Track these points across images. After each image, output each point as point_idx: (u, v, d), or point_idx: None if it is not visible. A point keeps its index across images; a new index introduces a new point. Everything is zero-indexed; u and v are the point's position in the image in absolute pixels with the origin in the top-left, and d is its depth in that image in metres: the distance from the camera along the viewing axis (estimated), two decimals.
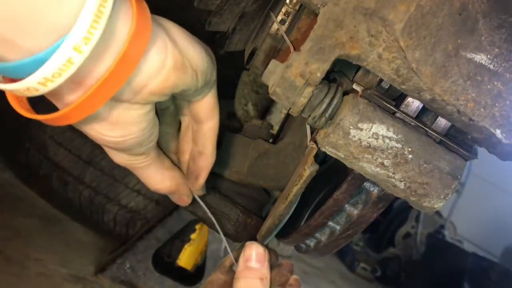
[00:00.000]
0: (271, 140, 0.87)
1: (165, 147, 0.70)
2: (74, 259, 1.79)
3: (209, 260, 1.85)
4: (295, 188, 0.65)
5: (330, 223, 0.69)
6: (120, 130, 0.54)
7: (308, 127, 0.76)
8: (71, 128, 2.12)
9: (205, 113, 0.65)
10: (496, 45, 0.53)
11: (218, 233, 0.79)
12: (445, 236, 4.80)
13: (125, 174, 2.16)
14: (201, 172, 0.69)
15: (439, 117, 0.58)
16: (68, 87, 0.48)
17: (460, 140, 0.60)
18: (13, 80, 0.47)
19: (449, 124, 0.59)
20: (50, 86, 0.44)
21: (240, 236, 0.80)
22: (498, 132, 0.55)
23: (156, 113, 0.58)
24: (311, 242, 0.74)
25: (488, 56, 0.53)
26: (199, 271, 1.96)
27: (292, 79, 0.55)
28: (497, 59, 0.53)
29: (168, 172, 0.68)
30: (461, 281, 3.93)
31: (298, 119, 0.81)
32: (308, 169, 0.62)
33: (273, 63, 0.57)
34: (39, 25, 0.43)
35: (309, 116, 0.58)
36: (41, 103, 0.52)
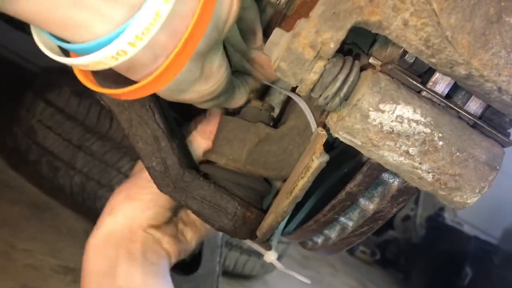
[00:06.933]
0: (272, 124, 0.78)
1: None
2: (64, 248, 1.72)
3: (206, 249, 1.78)
4: (301, 182, 0.56)
5: (342, 218, 0.60)
6: (213, 77, 0.54)
7: (307, 110, 0.67)
8: (60, 111, 2.01)
9: None
10: None
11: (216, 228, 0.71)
12: (445, 219, 4.75)
13: (117, 159, 2.08)
14: None
15: (473, 96, 0.49)
16: (147, 56, 0.45)
17: (496, 123, 0.51)
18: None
19: (484, 104, 0.50)
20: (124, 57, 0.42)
21: (239, 232, 0.71)
22: None
23: None
24: (319, 239, 0.66)
25: None
26: (195, 259, 1.89)
27: (300, 51, 0.45)
28: None
29: None
30: (463, 265, 3.88)
31: (303, 99, 0.72)
32: (317, 160, 0.53)
33: (277, 32, 0.48)
34: None
35: (320, 96, 0.48)
36: None
